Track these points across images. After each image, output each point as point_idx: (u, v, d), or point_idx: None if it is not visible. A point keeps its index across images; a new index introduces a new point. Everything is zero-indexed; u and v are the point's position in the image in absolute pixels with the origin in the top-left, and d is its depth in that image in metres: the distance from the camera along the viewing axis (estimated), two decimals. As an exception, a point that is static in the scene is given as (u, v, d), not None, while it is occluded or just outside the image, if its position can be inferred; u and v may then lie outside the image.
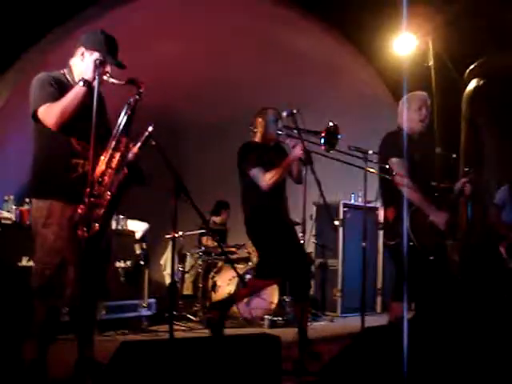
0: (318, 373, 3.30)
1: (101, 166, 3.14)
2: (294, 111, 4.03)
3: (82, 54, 3.33)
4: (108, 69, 3.27)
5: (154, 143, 3.07)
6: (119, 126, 3.16)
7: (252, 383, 2.55)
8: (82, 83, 3.17)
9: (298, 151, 4.31)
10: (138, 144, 3.10)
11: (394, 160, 4.24)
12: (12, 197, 5.21)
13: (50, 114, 3.19)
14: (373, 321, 5.43)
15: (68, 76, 3.38)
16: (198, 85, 7.14)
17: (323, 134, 4.10)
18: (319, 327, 6.38)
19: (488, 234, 6.20)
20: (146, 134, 3.09)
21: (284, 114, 4.07)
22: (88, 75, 3.24)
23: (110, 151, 3.16)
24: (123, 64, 3.27)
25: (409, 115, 4.42)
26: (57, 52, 5.32)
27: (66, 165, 3.24)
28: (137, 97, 3.16)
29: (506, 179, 6.33)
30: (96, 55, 3.26)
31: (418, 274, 4.14)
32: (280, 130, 4.52)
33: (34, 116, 3.24)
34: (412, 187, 4.18)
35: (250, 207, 4.68)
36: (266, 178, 4.46)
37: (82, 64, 3.34)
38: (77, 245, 3.09)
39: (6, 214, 5.01)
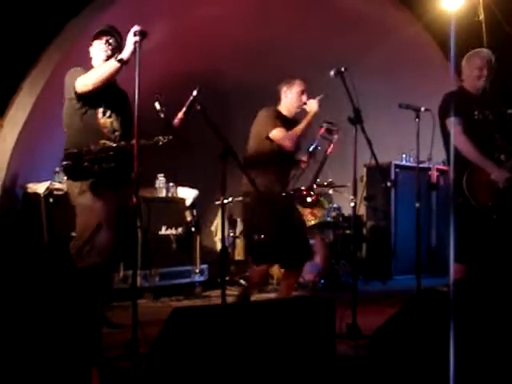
0: (372, 336, 3.26)
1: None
2: (342, 69, 3.91)
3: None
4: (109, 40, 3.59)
5: (199, 107, 3.04)
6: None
7: (306, 347, 2.53)
8: (115, 59, 3.34)
9: (315, 105, 4.28)
10: (184, 109, 3.07)
11: (451, 119, 4.15)
12: (63, 168, 5.29)
13: (85, 80, 3.47)
14: (426, 283, 5.37)
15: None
16: (240, 48, 7.02)
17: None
18: (372, 290, 6.33)
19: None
20: (191, 98, 3.06)
21: (331, 72, 3.95)
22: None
23: None
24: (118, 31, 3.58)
25: (468, 73, 4.33)
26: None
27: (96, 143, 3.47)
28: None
29: None
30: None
31: (480, 235, 4.08)
32: (305, 104, 4.40)
33: (75, 94, 3.52)
34: (469, 146, 4.10)
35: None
36: (289, 136, 4.25)
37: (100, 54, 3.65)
38: (112, 208, 3.40)
39: (57, 185, 5.09)
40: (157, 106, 3.16)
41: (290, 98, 4.48)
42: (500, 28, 6.56)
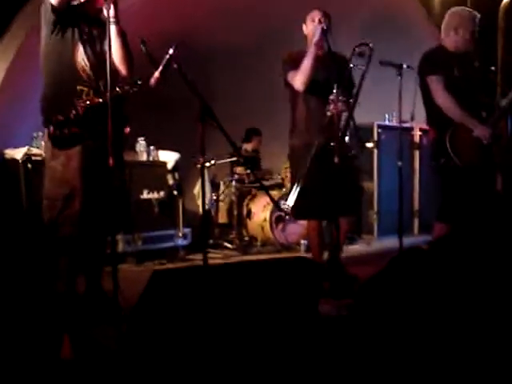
0: (355, 295, 3.26)
1: None
2: (325, 27, 3.86)
3: None
4: None
5: (175, 66, 2.95)
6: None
7: (289, 306, 2.53)
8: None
9: (314, 32, 4.07)
10: (160, 68, 2.98)
11: (431, 77, 4.12)
12: (41, 133, 5.18)
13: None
14: (410, 242, 5.39)
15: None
16: (220, 8, 6.88)
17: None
18: (356, 250, 6.36)
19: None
20: (167, 56, 2.97)
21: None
22: None
23: None
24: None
25: (448, 33, 4.25)
26: None
27: (71, 91, 3.21)
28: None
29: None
30: None
31: (462, 194, 4.07)
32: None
33: (52, 10, 3.18)
34: (451, 103, 4.05)
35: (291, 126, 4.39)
36: (295, 75, 4.13)
37: None
38: (86, 175, 3.17)
39: (35, 151, 5.00)
40: (143, 48, 3.05)
41: (309, 32, 4.30)
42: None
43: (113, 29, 3.12)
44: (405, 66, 4.17)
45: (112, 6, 3.05)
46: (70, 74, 3.23)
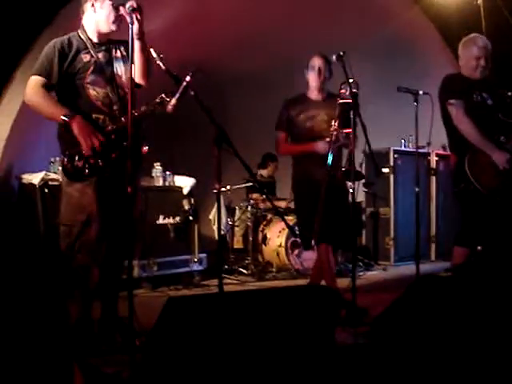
0: (372, 323, 3.22)
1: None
2: (341, 53, 3.86)
3: (93, 6, 3.24)
4: (123, 11, 3.11)
5: (192, 93, 2.97)
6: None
7: (305, 335, 2.50)
8: (65, 116, 3.11)
9: (321, 147, 4.16)
10: (177, 95, 3.00)
11: (451, 101, 4.13)
12: (58, 158, 5.22)
13: (28, 90, 3.21)
14: (427, 269, 5.34)
15: (81, 35, 3.31)
16: (236, 36, 6.92)
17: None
18: (372, 276, 6.30)
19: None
20: (184, 83, 2.99)
21: (333, 57, 3.90)
22: (104, 25, 3.25)
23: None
24: (140, 6, 3.07)
25: (465, 63, 4.31)
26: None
27: (87, 120, 3.20)
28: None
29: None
30: (108, 2, 3.19)
31: (484, 219, 4.06)
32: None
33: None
34: (470, 128, 4.06)
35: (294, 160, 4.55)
36: (280, 148, 4.52)
37: (96, 15, 3.26)
38: (102, 201, 3.16)
39: (53, 176, 5.04)
40: (153, 53, 3.04)
41: (309, 77, 4.41)
42: (498, 12, 6.49)
43: (137, 45, 3.14)
44: (421, 92, 4.18)
45: (136, 22, 3.04)
46: (84, 104, 3.24)
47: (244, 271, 6.46)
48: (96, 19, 3.26)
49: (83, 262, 3.22)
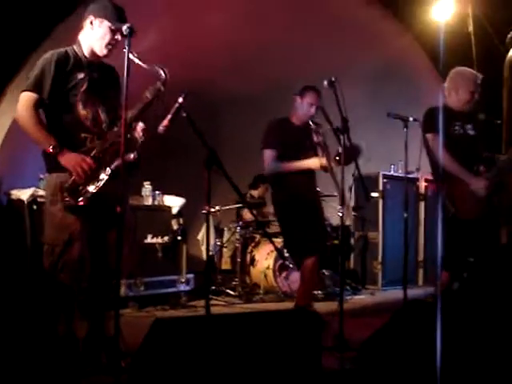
0: (359, 348, 3.21)
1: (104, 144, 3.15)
2: (333, 79, 3.91)
3: (91, 23, 3.22)
4: (119, 37, 3.14)
5: (184, 114, 2.98)
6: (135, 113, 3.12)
7: (291, 360, 2.49)
8: (52, 148, 3.07)
9: (316, 163, 4.40)
10: (169, 116, 3.01)
11: (429, 135, 4.32)
12: (47, 175, 5.21)
13: (19, 108, 3.16)
14: (414, 293, 5.34)
15: (77, 50, 3.27)
16: (229, 57, 6.99)
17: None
18: (360, 300, 6.29)
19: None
20: (176, 105, 3.00)
21: (325, 83, 3.94)
22: (98, 45, 3.21)
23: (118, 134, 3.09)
24: (134, 30, 2.98)
25: (459, 94, 4.46)
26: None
27: (75, 138, 3.18)
28: (161, 87, 3.11)
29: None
30: (107, 23, 3.16)
31: (463, 244, 4.22)
32: (312, 122, 4.44)
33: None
34: (448, 159, 4.24)
35: (275, 181, 4.67)
36: (269, 167, 4.53)
37: (92, 33, 3.23)
38: (85, 221, 3.11)
39: (41, 192, 5.01)
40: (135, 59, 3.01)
41: (300, 109, 4.56)
42: (489, 40, 6.59)
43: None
44: (411, 118, 4.25)
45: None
46: (72, 122, 3.20)
47: (231, 292, 6.43)
48: (92, 37, 3.24)
49: (66, 281, 3.17)
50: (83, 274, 3.18)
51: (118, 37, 3.14)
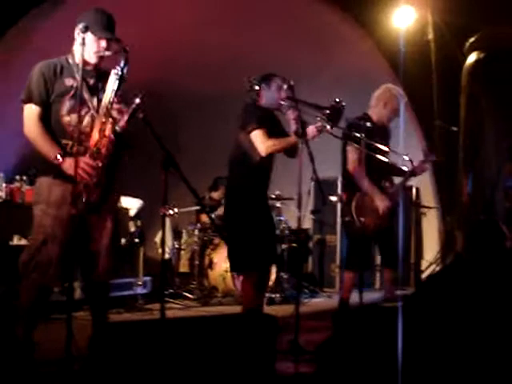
0: (314, 351, 3.22)
1: (94, 136, 3.17)
2: (291, 83, 3.91)
3: (79, 34, 3.25)
4: (104, 44, 3.26)
5: (141, 116, 2.96)
6: (109, 94, 3.18)
7: (245, 364, 2.47)
8: (57, 158, 3.15)
9: (312, 131, 3.94)
10: (125, 117, 2.99)
11: (349, 148, 4.65)
12: (2, 174, 5.10)
13: (27, 123, 3.27)
14: (370, 297, 5.39)
15: (70, 60, 3.35)
16: (191, 60, 6.96)
17: (328, 111, 3.99)
18: (317, 303, 6.32)
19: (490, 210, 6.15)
20: (134, 106, 2.98)
21: (284, 87, 3.95)
22: (87, 54, 3.27)
23: (102, 119, 3.16)
24: (119, 39, 3.24)
25: (377, 104, 4.85)
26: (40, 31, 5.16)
27: (58, 145, 3.24)
28: (123, 63, 3.18)
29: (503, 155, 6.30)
30: (90, 33, 3.22)
31: (365, 248, 4.73)
32: (283, 101, 4.07)
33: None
34: (360, 173, 4.63)
35: (234, 187, 4.21)
36: (268, 143, 3.96)
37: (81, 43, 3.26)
38: (65, 223, 3.15)
39: (-1, 193, 4.93)
40: None
41: (268, 96, 4.17)
42: (448, 48, 6.69)
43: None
44: (368, 124, 4.29)
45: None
46: (55, 128, 3.26)
47: (189, 296, 6.39)
48: (81, 47, 3.24)
49: (36, 282, 3.20)
50: (51, 276, 3.21)
51: (104, 44, 3.26)
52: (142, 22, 5.99)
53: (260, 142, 3.96)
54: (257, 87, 4.23)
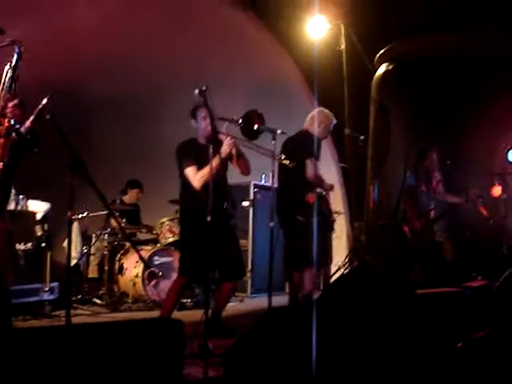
0: (223, 355, 3.23)
1: None
2: (204, 88, 3.93)
3: None
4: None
5: (48, 117, 2.89)
6: (2, 90, 3.08)
7: (152, 369, 2.46)
8: None
9: (225, 147, 4.32)
10: (31, 117, 2.91)
11: (309, 161, 5.10)
12: None
13: None
14: (280, 301, 5.47)
15: None
16: (103, 60, 6.83)
17: (240, 122, 4.25)
18: (228, 308, 6.34)
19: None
20: (40, 106, 2.90)
21: (196, 91, 3.95)
22: None
23: None
24: (2, 29, 3.17)
25: (312, 122, 5.33)
26: None
27: None
28: (16, 56, 3.11)
29: (410, 163, 6.54)
30: None
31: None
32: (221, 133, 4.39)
33: None
34: (320, 179, 5.26)
35: (185, 207, 4.69)
36: (197, 178, 4.38)
37: None
38: None
39: None
40: None
41: (200, 129, 4.54)
42: (359, 59, 6.89)
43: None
44: (279, 131, 4.36)
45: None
46: None
47: (98, 301, 6.27)
48: None
49: None
50: None
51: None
52: (45, 22, 5.85)
53: (191, 179, 4.43)
54: (193, 125, 4.56)
